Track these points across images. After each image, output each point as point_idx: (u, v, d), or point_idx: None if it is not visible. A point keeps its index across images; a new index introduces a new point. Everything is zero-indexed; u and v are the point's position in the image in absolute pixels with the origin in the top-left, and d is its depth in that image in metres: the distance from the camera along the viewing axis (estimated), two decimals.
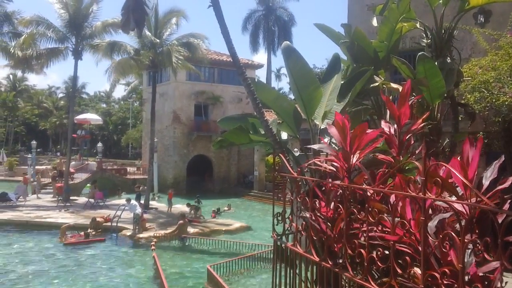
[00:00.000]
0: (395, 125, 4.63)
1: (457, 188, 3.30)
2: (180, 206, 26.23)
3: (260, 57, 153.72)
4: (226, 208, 27.50)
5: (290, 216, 5.05)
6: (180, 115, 37.70)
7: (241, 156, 39.45)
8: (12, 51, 26.98)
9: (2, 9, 28.38)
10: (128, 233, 19.41)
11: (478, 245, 2.83)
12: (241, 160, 39.62)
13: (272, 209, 5.30)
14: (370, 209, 3.63)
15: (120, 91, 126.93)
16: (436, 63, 6.47)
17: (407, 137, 4.60)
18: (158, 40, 25.54)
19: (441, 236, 3.04)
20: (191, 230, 19.81)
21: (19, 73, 63.27)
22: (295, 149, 6.73)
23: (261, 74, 68.85)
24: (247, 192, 35.61)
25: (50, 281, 13.60)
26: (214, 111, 38.32)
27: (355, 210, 3.80)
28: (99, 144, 41.18)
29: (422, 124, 4.81)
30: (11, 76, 72.34)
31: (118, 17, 26.65)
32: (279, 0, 54.76)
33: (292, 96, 36.58)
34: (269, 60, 55.15)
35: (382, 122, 4.96)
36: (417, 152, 4.96)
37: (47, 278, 13.86)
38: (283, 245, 5.07)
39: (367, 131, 4.24)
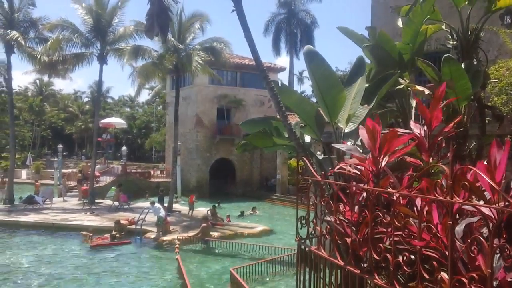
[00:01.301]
0: (425, 128, 4.59)
1: (485, 192, 3.25)
2: (204, 209, 26.34)
3: (282, 60, 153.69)
4: (251, 211, 27.55)
5: (314, 220, 5.03)
6: (203, 119, 37.95)
7: (264, 160, 39.46)
8: (39, 57, 27.61)
9: (28, 15, 29.01)
10: (152, 235, 19.60)
11: (506, 249, 2.79)
12: (264, 163, 39.64)
13: (295, 212, 5.30)
14: (395, 213, 3.61)
15: (143, 95, 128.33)
16: (462, 65, 6.38)
17: (438, 140, 4.54)
18: (181, 46, 25.74)
19: (469, 240, 3.00)
20: (214, 233, 19.89)
21: (45, 78, 64.67)
22: (318, 153, 6.71)
23: (283, 77, 68.82)
24: (270, 195, 35.59)
25: (76, 283, 13.82)
26: (237, 114, 38.44)
27: (380, 214, 3.77)
28: (124, 148, 41.62)
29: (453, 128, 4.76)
30: (37, 81, 73.96)
31: (142, 21, 27.09)
32: (301, 3, 54.64)
33: (314, 99, 36.50)
34: (291, 63, 55.13)
35: (412, 124, 4.91)
36: (448, 155, 4.89)
37: (73, 280, 14.10)
38: (307, 249, 5.06)
39: (398, 136, 4.22)
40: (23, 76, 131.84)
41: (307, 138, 6.76)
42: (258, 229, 21.79)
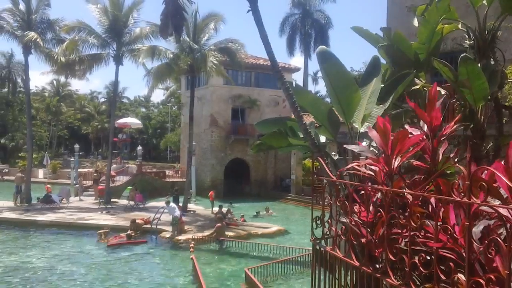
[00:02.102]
0: (426, 129, 4.56)
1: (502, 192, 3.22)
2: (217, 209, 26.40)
3: (297, 60, 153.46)
4: (265, 212, 27.54)
5: (329, 220, 5.02)
6: (218, 119, 38.08)
7: (278, 160, 39.45)
8: (56, 57, 27.93)
9: (45, 17, 29.35)
10: (167, 235, 19.72)
11: None
12: (278, 163, 39.62)
13: (309, 212, 5.30)
14: (411, 214, 3.59)
15: (159, 96, 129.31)
16: (479, 64, 6.32)
17: (440, 141, 4.51)
18: (196, 46, 25.83)
19: (486, 241, 2.98)
20: (228, 233, 19.94)
21: (62, 79, 65.42)
22: (333, 153, 6.69)
23: (298, 78, 68.60)
24: (284, 195, 35.56)
25: (93, 282, 13.96)
26: (251, 114, 38.49)
27: (396, 214, 3.76)
28: (139, 148, 41.94)
29: (455, 126, 4.71)
30: (54, 81, 74.82)
31: (157, 22, 27.25)
32: (316, 3, 54.46)
33: (329, 99, 36.33)
34: (306, 64, 55.01)
35: (407, 127, 4.89)
36: (451, 156, 4.86)
37: (90, 279, 14.24)
38: (322, 249, 5.05)
39: (409, 136, 4.20)
40: (40, 77, 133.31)
41: (322, 138, 6.75)
42: (272, 229, 21.79)
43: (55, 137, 75.43)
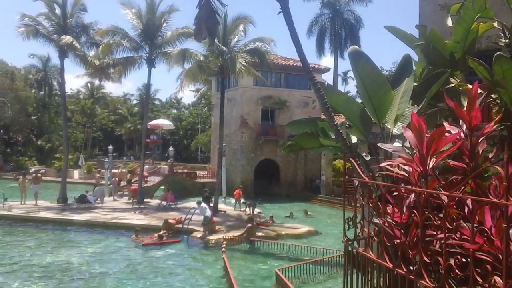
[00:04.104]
0: (464, 128, 4.48)
1: None
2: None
3: (326, 60, 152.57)
4: (303, 215, 27.57)
5: (361, 221, 4.99)
6: (248, 120, 38.21)
7: (308, 161, 39.28)
8: (90, 60, 28.58)
9: (80, 20, 30.01)
10: (199, 235, 19.91)
11: None
12: (308, 164, 39.45)
13: (340, 213, 5.27)
14: (446, 215, 3.54)
15: (189, 97, 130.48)
16: None
17: (479, 141, 4.42)
18: (225, 48, 25.93)
19: None
20: (259, 233, 19.99)
21: (96, 82, 66.92)
22: (364, 154, 6.64)
23: (327, 78, 68.21)
24: (314, 196, 35.41)
25: (128, 280, 14.21)
26: (281, 115, 38.47)
27: (431, 216, 3.71)
28: (171, 149, 42.43)
29: (495, 126, 4.61)
30: (89, 84, 76.64)
31: (188, 26, 27.64)
32: (346, 3, 53.99)
33: (359, 100, 35.98)
34: (336, 64, 54.54)
35: (446, 124, 4.79)
36: (490, 156, 4.76)
37: (127, 277, 14.50)
38: (354, 251, 5.03)
39: (446, 134, 4.12)
40: (75, 80, 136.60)
41: (354, 139, 6.71)
42: (302, 230, 21.74)
43: (89, 139, 77.20)
